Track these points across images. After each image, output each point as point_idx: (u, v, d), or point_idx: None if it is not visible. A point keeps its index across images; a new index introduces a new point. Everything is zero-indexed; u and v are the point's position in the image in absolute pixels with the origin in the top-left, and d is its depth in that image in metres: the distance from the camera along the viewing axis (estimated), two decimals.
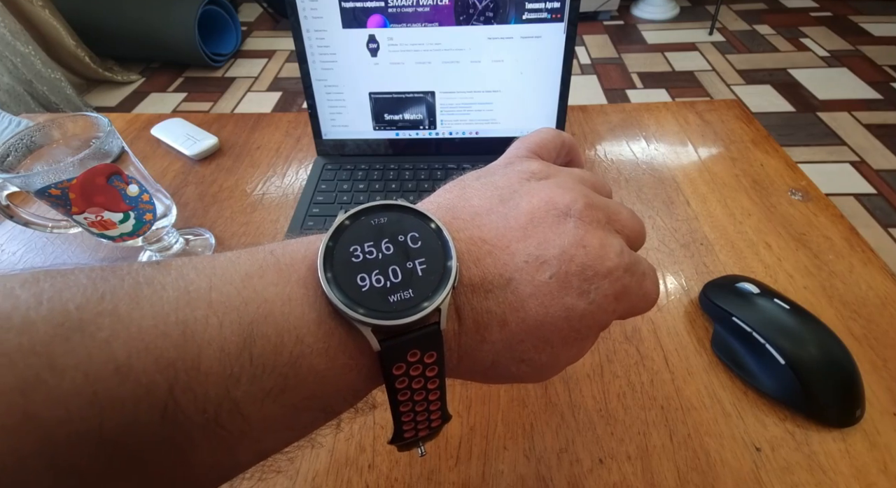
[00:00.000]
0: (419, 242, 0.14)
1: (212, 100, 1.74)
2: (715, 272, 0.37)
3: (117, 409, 0.11)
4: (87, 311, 0.11)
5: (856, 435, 0.28)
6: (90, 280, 0.12)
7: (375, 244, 0.14)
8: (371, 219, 0.14)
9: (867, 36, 1.86)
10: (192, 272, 0.13)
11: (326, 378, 0.13)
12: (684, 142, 0.51)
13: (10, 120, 0.54)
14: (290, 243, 0.15)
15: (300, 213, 0.44)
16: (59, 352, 0.11)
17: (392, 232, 0.14)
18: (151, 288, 0.12)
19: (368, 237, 0.14)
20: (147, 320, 0.12)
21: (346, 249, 0.14)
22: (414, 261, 0.14)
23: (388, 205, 0.15)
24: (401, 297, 0.13)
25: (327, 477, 0.27)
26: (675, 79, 1.74)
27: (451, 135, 0.48)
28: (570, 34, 0.42)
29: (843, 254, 0.38)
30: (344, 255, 0.14)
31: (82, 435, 0.10)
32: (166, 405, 0.11)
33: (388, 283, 0.14)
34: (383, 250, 0.14)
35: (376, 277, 0.14)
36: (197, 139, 0.53)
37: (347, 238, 0.14)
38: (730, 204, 0.43)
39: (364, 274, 0.14)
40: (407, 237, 0.14)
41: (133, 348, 0.11)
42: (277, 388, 0.13)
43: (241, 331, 0.12)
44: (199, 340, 0.12)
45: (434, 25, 0.42)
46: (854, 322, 0.33)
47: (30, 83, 1.57)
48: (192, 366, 0.12)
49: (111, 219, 0.33)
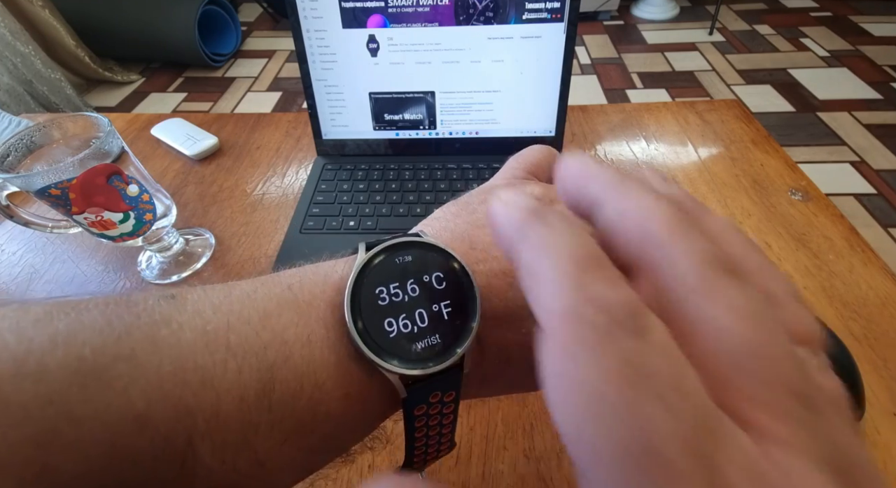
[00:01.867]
0: (444, 283, 0.14)
1: (212, 100, 1.74)
2: None
3: (137, 461, 0.10)
4: (104, 355, 0.11)
5: None
6: (105, 318, 0.12)
7: (401, 286, 0.13)
8: (395, 257, 0.14)
9: (867, 36, 1.86)
10: (209, 309, 0.13)
11: (344, 421, 0.13)
12: (684, 142, 0.51)
13: (10, 120, 0.54)
14: (307, 275, 0.15)
15: (300, 213, 0.44)
16: (76, 400, 0.10)
17: (417, 271, 0.14)
18: (169, 328, 0.12)
19: (394, 278, 0.14)
20: (165, 366, 0.11)
21: (371, 291, 0.13)
22: (440, 304, 0.14)
23: (412, 243, 0.14)
24: (428, 343, 0.13)
25: (327, 478, 0.27)
26: (675, 79, 1.74)
27: (451, 136, 0.48)
28: (570, 34, 0.42)
29: (844, 254, 0.38)
30: (370, 298, 0.13)
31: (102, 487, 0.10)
32: (185, 455, 0.11)
33: (415, 328, 0.13)
34: (409, 292, 0.13)
35: (403, 322, 0.13)
36: (197, 139, 0.53)
37: (372, 278, 0.13)
38: (730, 204, 0.43)
39: (391, 318, 0.13)
40: (432, 277, 0.14)
41: (152, 396, 0.11)
42: (295, 433, 0.12)
43: (260, 377, 0.12)
44: (218, 387, 0.12)
45: (434, 25, 0.42)
46: (854, 322, 0.33)
47: (30, 83, 1.57)
48: (211, 414, 0.11)
49: (111, 219, 0.33)
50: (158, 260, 0.40)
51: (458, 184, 0.45)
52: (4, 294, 0.39)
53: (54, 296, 0.39)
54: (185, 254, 0.41)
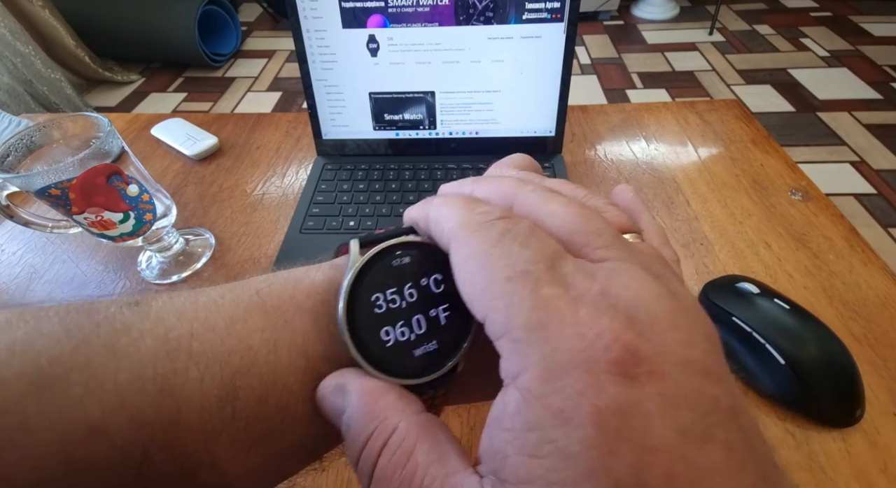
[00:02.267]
0: (441, 285, 0.13)
1: (212, 100, 1.74)
2: (715, 272, 0.37)
3: (92, 470, 0.10)
4: (61, 365, 0.11)
5: (856, 435, 0.28)
6: (64, 326, 0.11)
7: (398, 291, 0.13)
8: (392, 259, 0.13)
9: (867, 36, 1.86)
10: (172, 316, 0.12)
11: (315, 425, 0.13)
12: (684, 142, 0.51)
13: (10, 120, 0.54)
14: (278, 280, 0.14)
15: (300, 213, 0.44)
16: (31, 411, 0.10)
17: (414, 274, 0.13)
18: (129, 337, 0.12)
19: (391, 283, 0.13)
20: (123, 375, 0.11)
21: (367, 299, 0.12)
22: (437, 309, 0.13)
23: (409, 243, 0.13)
24: (425, 350, 0.13)
25: (327, 478, 0.27)
26: (675, 79, 1.74)
27: (451, 135, 0.48)
28: (570, 34, 0.42)
29: (844, 254, 0.38)
30: (366, 307, 0.12)
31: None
32: (141, 466, 0.11)
33: (412, 336, 0.13)
34: (406, 298, 0.13)
35: (400, 330, 0.13)
36: (197, 139, 0.53)
37: (369, 285, 0.13)
38: (730, 204, 0.43)
39: (388, 327, 0.12)
40: (430, 281, 0.13)
41: (108, 406, 0.11)
42: (262, 438, 0.12)
43: (222, 385, 0.12)
44: (179, 396, 0.11)
45: (434, 25, 0.42)
46: (854, 322, 0.33)
47: (30, 83, 1.57)
48: (169, 423, 0.11)
49: (111, 219, 0.33)
50: (158, 260, 0.40)
51: None
52: (4, 294, 0.39)
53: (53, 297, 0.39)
54: (185, 254, 0.41)
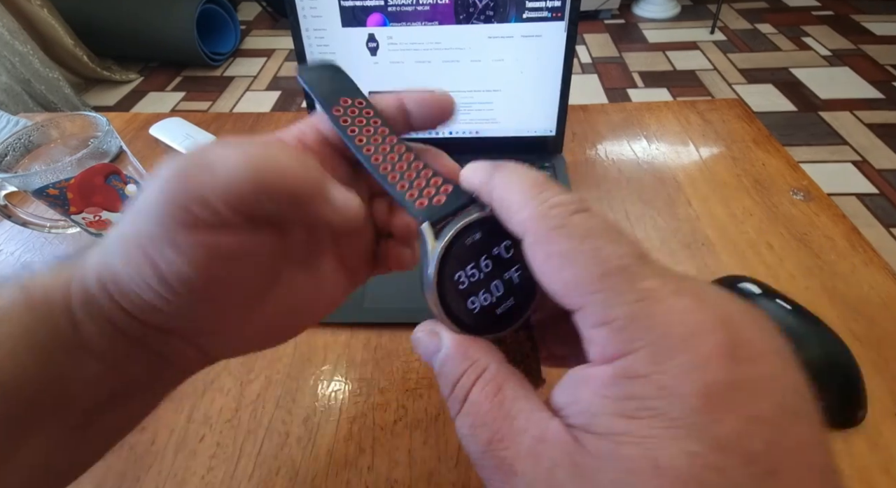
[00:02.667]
0: (511, 250, 0.15)
1: (210, 99, 1.74)
2: (716, 272, 0.37)
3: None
4: None
5: (857, 436, 0.28)
6: None
7: (476, 265, 0.14)
8: (465, 239, 0.14)
9: (869, 35, 1.86)
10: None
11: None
12: (685, 141, 0.51)
13: (7, 119, 0.54)
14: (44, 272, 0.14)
15: None
16: None
17: (486, 246, 0.15)
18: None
19: (469, 260, 0.14)
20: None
21: (451, 280, 0.14)
22: (511, 271, 0.15)
23: (476, 221, 0.15)
24: (506, 308, 0.15)
25: (326, 479, 0.27)
26: (676, 78, 1.73)
27: (451, 135, 0.48)
28: (571, 33, 0.42)
29: (845, 255, 0.38)
30: (452, 288, 0.14)
31: None
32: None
33: (493, 299, 0.15)
34: (483, 269, 0.14)
35: (484, 296, 0.14)
36: (196, 138, 0.53)
37: (451, 267, 0.14)
38: (731, 204, 0.43)
39: (473, 297, 0.14)
40: (501, 248, 0.15)
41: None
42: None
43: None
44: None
45: (434, 24, 0.42)
46: (856, 322, 0.33)
47: (28, 82, 1.56)
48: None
49: (109, 218, 0.33)
50: None
51: None
52: None
53: None
54: None
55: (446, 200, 0.15)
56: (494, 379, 0.13)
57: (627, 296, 0.11)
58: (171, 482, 0.28)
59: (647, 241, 0.40)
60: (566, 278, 0.12)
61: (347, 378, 0.32)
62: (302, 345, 0.34)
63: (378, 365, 0.33)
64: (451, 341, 0.14)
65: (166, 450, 0.29)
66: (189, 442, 0.29)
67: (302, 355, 0.33)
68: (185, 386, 0.32)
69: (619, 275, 0.11)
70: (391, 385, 0.32)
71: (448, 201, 0.15)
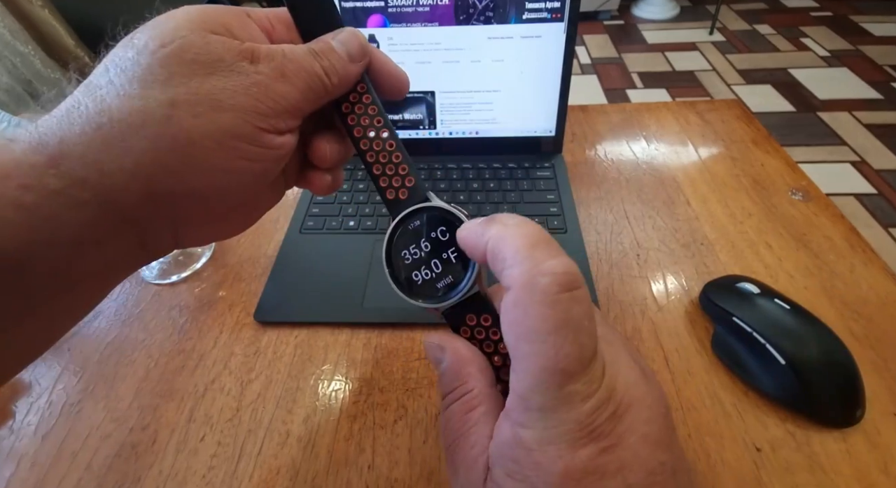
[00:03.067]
0: (447, 234, 0.18)
1: None
2: (715, 272, 0.37)
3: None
4: None
5: (856, 435, 0.28)
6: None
7: (417, 245, 0.18)
8: (408, 224, 0.18)
9: (867, 35, 1.86)
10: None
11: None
12: (685, 142, 0.51)
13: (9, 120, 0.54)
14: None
15: (300, 213, 0.43)
16: None
17: (427, 231, 0.18)
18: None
19: (412, 241, 0.18)
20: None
21: (399, 256, 0.18)
22: (447, 252, 0.18)
23: (418, 209, 0.18)
24: (445, 283, 0.18)
25: (327, 478, 0.27)
26: (675, 78, 1.74)
27: (451, 135, 0.48)
28: (571, 34, 0.42)
29: (844, 255, 0.38)
30: (399, 263, 0.18)
31: None
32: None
33: (433, 274, 0.18)
34: (423, 249, 0.18)
35: (425, 272, 0.18)
36: None
37: (396, 246, 0.18)
38: (730, 204, 0.43)
39: (416, 271, 0.18)
40: (437, 233, 0.18)
41: None
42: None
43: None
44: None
45: (434, 25, 0.42)
46: (855, 322, 0.33)
47: (29, 83, 1.57)
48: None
49: None
50: (158, 260, 0.40)
51: (458, 183, 0.45)
52: None
53: None
54: (185, 254, 0.41)
55: (408, 196, 0.19)
56: (472, 401, 0.15)
57: (550, 393, 0.13)
58: (172, 481, 0.28)
59: (646, 241, 0.40)
60: (523, 350, 0.14)
61: (348, 377, 0.32)
62: (302, 345, 0.34)
63: (378, 364, 0.33)
64: (451, 354, 0.16)
65: (167, 450, 0.29)
66: (190, 442, 0.29)
67: (302, 355, 0.34)
68: (186, 385, 0.32)
69: (559, 375, 0.13)
70: (391, 384, 0.32)
71: (409, 197, 0.19)
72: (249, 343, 0.34)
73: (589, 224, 0.42)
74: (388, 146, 0.19)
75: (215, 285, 0.39)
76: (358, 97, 0.19)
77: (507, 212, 0.43)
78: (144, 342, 0.35)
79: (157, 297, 0.38)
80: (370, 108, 0.19)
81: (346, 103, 0.19)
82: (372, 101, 0.19)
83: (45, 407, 0.31)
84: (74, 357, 0.34)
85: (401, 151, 0.19)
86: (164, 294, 0.38)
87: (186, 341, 0.35)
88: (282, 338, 0.35)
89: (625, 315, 0.35)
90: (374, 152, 0.19)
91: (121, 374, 0.33)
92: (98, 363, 0.34)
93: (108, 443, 0.29)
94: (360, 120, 0.19)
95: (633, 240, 0.40)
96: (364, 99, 0.19)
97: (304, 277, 0.38)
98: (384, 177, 0.19)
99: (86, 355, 0.34)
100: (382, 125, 0.19)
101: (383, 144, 0.19)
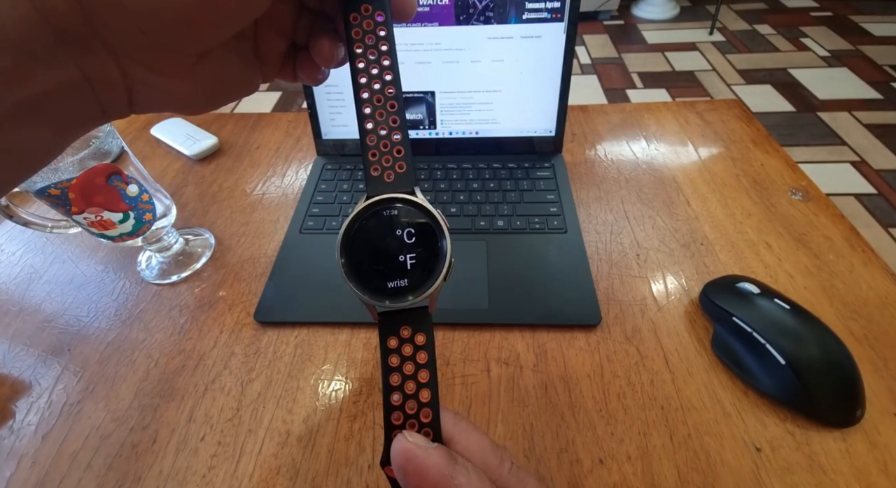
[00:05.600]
0: (413, 238, 0.16)
1: None
2: (715, 272, 0.37)
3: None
4: None
5: (856, 435, 0.28)
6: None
7: (382, 235, 0.16)
8: (384, 210, 0.16)
9: (867, 36, 1.86)
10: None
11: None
12: (684, 142, 0.51)
13: None
14: None
15: (300, 213, 0.43)
16: None
17: (398, 226, 0.16)
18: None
19: (378, 228, 0.16)
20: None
21: (360, 237, 0.16)
22: (412, 254, 0.16)
23: (400, 199, 0.16)
24: (397, 285, 0.16)
25: (327, 477, 0.27)
26: (675, 78, 1.74)
27: (451, 135, 0.48)
28: (570, 34, 0.42)
29: (844, 254, 0.38)
30: (358, 243, 0.16)
31: None
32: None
33: (387, 271, 0.16)
34: (387, 241, 0.16)
35: (380, 265, 0.16)
36: (197, 139, 0.53)
37: (365, 226, 0.16)
38: (730, 204, 0.43)
39: (373, 261, 0.16)
40: (407, 232, 0.16)
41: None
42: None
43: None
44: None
45: (434, 25, 0.42)
46: (854, 322, 0.33)
47: None
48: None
49: (111, 219, 0.33)
50: (158, 260, 0.40)
51: (457, 184, 0.45)
52: (4, 294, 0.39)
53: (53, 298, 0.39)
54: (185, 254, 0.41)
55: (393, 181, 0.17)
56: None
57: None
58: (173, 481, 0.28)
59: (646, 241, 0.40)
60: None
61: (348, 377, 0.32)
62: (302, 345, 0.34)
63: (378, 364, 0.33)
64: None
65: (167, 450, 0.29)
66: (190, 442, 0.29)
67: (302, 355, 0.34)
68: (186, 385, 0.32)
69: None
70: None
71: (395, 182, 0.17)
72: (249, 343, 0.34)
73: (589, 224, 0.42)
74: (389, 98, 0.17)
75: (215, 285, 0.39)
76: (370, 11, 0.16)
77: (508, 212, 0.43)
78: (145, 342, 0.35)
79: (157, 297, 0.38)
80: (379, 30, 0.17)
81: (354, 13, 0.17)
82: (385, 20, 0.17)
83: (45, 407, 0.31)
84: (74, 357, 0.34)
85: (400, 122, 0.17)
86: (165, 294, 0.38)
87: (186, 341, 0.35)
88: (282, 338, 0.35)
89: (625, 315, 0.35)
90: (371, 91, 0.17)
91: (121, 374, 0.33)
92: (98, 363, 0.34)
93: (108, 443, 0.29)
94: (364, 38, 0.17)
95: (632, 240, 0.40)
96: (377, 16, 0.17)
97: (304, 277, 0.38)
98: (372, 135, 0.17)
99: (86, 355, 0.34)
100: (389, 66, 0.17)
101: (383, 88, 0.17)
